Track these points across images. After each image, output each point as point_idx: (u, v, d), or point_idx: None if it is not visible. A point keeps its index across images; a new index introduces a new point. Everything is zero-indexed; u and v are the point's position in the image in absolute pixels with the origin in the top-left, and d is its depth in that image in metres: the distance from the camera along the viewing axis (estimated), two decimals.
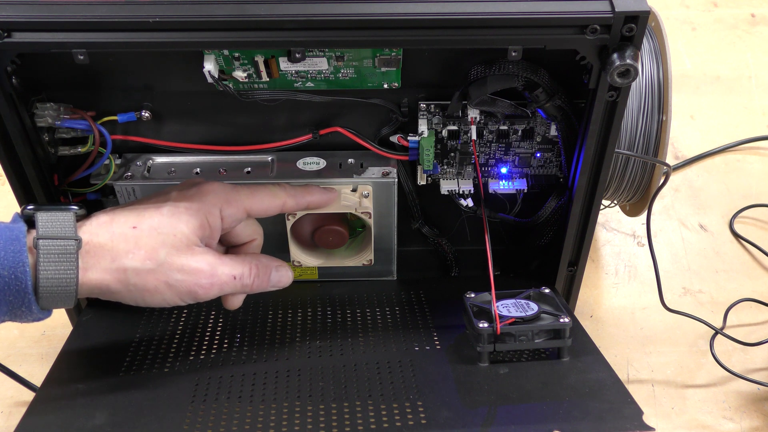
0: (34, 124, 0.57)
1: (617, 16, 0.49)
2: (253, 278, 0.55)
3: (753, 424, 0.67)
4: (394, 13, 0.50)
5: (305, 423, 0.50)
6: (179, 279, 0.51)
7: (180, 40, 0.50)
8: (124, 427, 0.50)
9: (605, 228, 0.86)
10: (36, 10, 0.50)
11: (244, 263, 0.55)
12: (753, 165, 0.94)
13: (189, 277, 0.51)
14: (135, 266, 0.49)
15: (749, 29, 1.15)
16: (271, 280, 0.57)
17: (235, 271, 0.53)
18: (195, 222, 0.52)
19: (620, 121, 0.55)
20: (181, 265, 0.51)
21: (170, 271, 0.50)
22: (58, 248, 0.47)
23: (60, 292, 0.48)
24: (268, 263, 0.57)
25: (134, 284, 0.50)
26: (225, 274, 0.53)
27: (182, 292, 0.51)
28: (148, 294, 0.51)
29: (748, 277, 0.81)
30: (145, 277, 0.50)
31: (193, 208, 0.52)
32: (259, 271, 0.55)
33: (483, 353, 0.55)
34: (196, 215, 0.52)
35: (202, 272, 0.51)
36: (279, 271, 0.57)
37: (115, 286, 0.50)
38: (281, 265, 0.58)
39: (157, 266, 0.50)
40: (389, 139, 0.63)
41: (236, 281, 0.54)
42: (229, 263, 0.53)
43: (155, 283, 0.50)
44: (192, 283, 0.51)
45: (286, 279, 0.58)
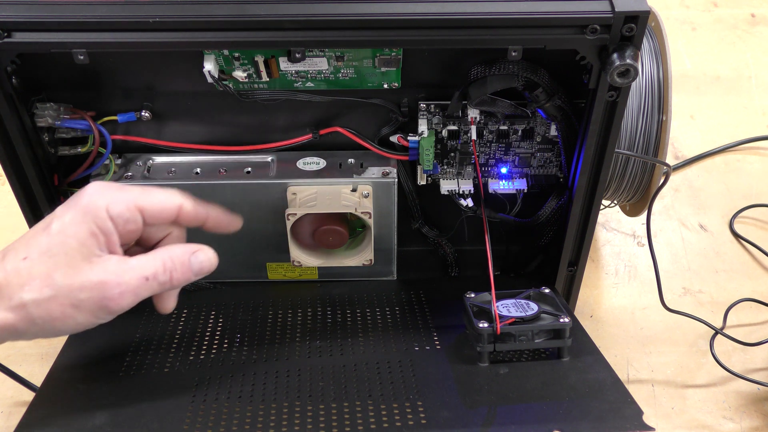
0: (34, 124, 0.57)
1: (617, 16, 0.49)
2: (169, 273, 0.49)
3: (753, 424, 0.67)
4: (394, 13, 0.50)
5: (305, 423, 0.50)
6: (84, 298, 0.46)
7: (180, 40, 0.50)
8: (124, 427, 0.50)
9: (605, 228, 0.86)
10: (36, 10, 0.50)
11: (155, 260, 0.49)
12: (753, 165, 0.94)
13: (94, 293, 0.46)
14: (34, 298, 0.45)
15: (749, 29, 1.15)
16: (192, 268, 0.51)
17: (145, 271, 0.48)
18: (83, 232, 0.47)
19: (620, 121, 0.55)
20: (82, 283, 0.46)
21: (71, 292, 0.46)
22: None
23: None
24: (182, 252, 0.51)
25: (39, 317, 0.46)
26: (134, 278, 0.48)
27: (93, 310, 0.47)
28: (58, 322, 0.47)
29: (748, 277, 0.81)
30: (48, 306, 0.46)
31: (77, 217, 0.47)
32: (175, 264, 0.50)
33: (483, 353, 0.55)
34: (82, 223, 0.47)
35: (106, 283, 0.47)
36: (198, 256, 0.51)
37: (21, 324, 0.46)
38: (198, 249, 0.51)
39: (57, 292, 0.46)
40: (389, 139, 0.63)
41: (150, 282, 0.49)
42: (137, 265, 0.48)
43: (60, 309, 0.46)
44: (99, 298, 0.47)
45: (209, 263, 0.52)
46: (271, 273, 0.69)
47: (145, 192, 0.51)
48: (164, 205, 0.51)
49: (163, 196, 0.51)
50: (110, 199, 0.48)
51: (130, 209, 0.49)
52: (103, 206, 0.48)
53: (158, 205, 0.51)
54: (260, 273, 0.69)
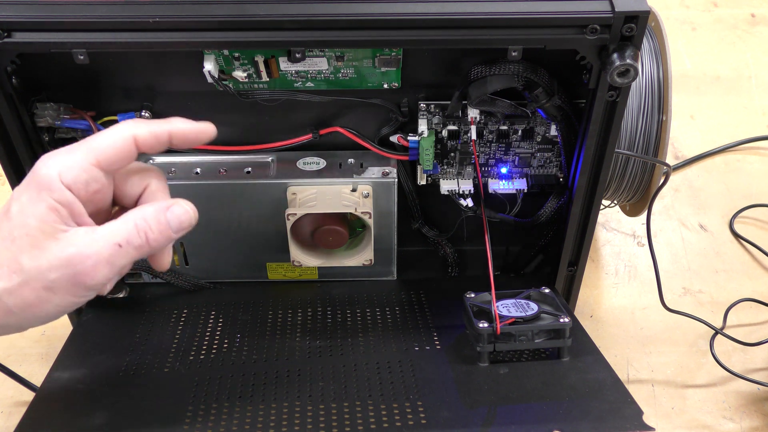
0: (34, 124, 0.57)
1: (617, 16, 0.49)
2: (144, 234, 0.45)
3: (753, 424, 0.67)
4: (394, 13, 0.50)
5: (305, 423, 0.50)
6: (55, 278, 0.43)
7: (180, 40, 0.50)
8: (124, 427, 0.50)
9: (605, 228, 0.86)
10: (36, 10, 0.50)
11: (126, 223, 0.45)
12: (753, 165, 0.94)
13: (65, 270, 0.43)
14: (4, 287, 0.43)
15: (749, 29, 1.15)
16: (170, 225, 0.47)
17: (116, 237, 0.44)
18: (41, 209, 0.43)
19: (620, 121, 0.55)
20: (50, 262, 0.43)
21: (41, 274, 0.43)
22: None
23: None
24: (155, 210, 0.46)
25: (14, 305, 0.44)
26: (105, 246, 0.44)
27: (69, 288, 0.44)
28: (36, 308, 0.44)
29: (748, 277, 0.81)
30: (20, 293, 0.43)
31: (33, 195, 0.44)
32: (149, 223, 0.46)
33: (483, 353, 0.55)
34: (38, 201, 0.44)
35: (75, 257, 0.43)
36: (173, 210, 0.47)
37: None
38: (173, 203, 0.47)
39: (26, 276, 0.43)
40: (389, 139, 0.63)
41: (124, 248, 0.45)
42: (106, 232, 0.44)
43: (34, 294, 0.43)
44: (71, 274, 0.43)
45: (186, 216, 0.47)
46: (271, 273, 0.69)
47: (92, 141, 0.46)
48: (117, 144, 0.46)
49: (112, 133, 0.46)
50: (60, 166, 0.44)
51: (85, 169, 0.45)
52: (55, 176, 0.44)
53: (111, 146, 0.46)
54: (260, 273, 0.69)
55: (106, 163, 0.46)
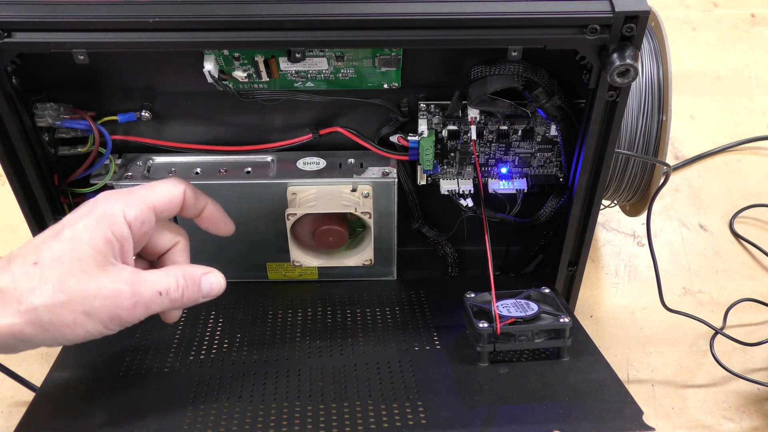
0: (34, 124, 0.57)
1: (617, 15, 0.49)
2: (181, 291, 0.49)
3: (753, 424, 0.67)
4: (394, 13, 0.50)
5: (305, 423, 0.50)
6: (97, 306, 0.45)
7: (180, 40, 0.50)
8: (124, 427, 0.50)
9: (605, 228, 0.86)
10: (36, 10, 0.50)
11: (169, 275, 0.49)
12: (753, 165, 0.94)
13: (108, 302, 0.46)
14: (45, 302, 0.44)
15: (749, 29, 1.15)
16: (202, 289, 0.51)
17: (159, 286, 0.48)
18: (98, 238, 0.46)
19: (620, 121, 0.55)
20: (97, 290, 0.45)
21: (85, 299, 0.45)
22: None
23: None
24: (194, 272, 0.51)
25: (49, 322, 0.45)
26: (148, 291, 0.47)
27: (104, 320, 0.46)
28: (68, 329, 0.46)
29: (748, 277, 0.81)
30: (59, 311, 0.45)
31: (91, 224, 0.47)
32: (187, 282, 0.50)
33: (483, 353, 0.55)
34: (96, 230, 0.47)
35: (121, 294, 0.46)
36: (209, 278, 0.51)
37: (29, 329, 0.45)
38: (209, 271, 0.52)
39: (70, 297, 0.45)
40: (389, 139, 0.63)
41: (163, 297, 0.48)
42: (152, 278, 0.48)
43: (72, 316, 0.45)
44: (112, 307, 0.46)
45: (218, 286, 0.52)
46: (271, 273, 0.69)
47: (151, 188, 0.51)
48: (171, 195, 0.52)
49: (168, 186, 0.52)
50: (124, 203, 0.49)
51: (143, 210, 0.49)
52: (119, 212, 0.48)
53: (167, 196, 0.51)
54: (260, 273, 0.69)
55: (160, 209, 0.51)
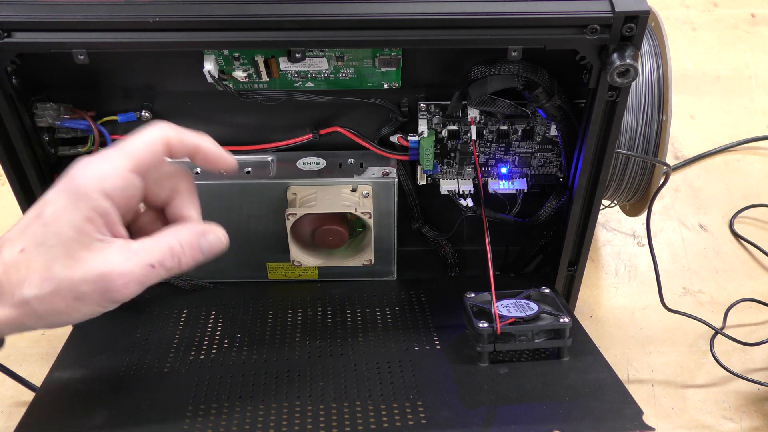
0: (34, 124, 0.57)
1: (617, 15, 0.49)
2: (177, 259, 0.46)
3: (753, 424, 0.67)
4: (394, 13, 0.50)
5: (305, 423, 0.50)
6: (87, 290, 0.44)
7: (180, 40, 0.50)
8: (124, 427, 0.50)
9: (605, 228, 0.86)
10: (36, 10, 0.50)
11: (161, 245, 0.46)
12: (753, 165, 0.94)
13: (97, 285, 0.44)
14: (35, 294, 0.43)
15: (749, 29, 1.15)
16: (202, 250, 0.48)
17: (151, 258, 0.45)
18: (78, 217, 0.43)
19: (620, 121, 0.55)
20: (83, 276, 0.43)
21: (73, 285, 0.43)
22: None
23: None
24: (190, 234, 0.47)
25: (43, 311, 0.44)
26: (138, 265, 0.44)
27: (97, 301, 0.44)
28: (64, 315, 0.45)
29: (748, 277, 0.81)
30: (50, 300, 0.43)
31: (70, 203, 0.44)
32: (183, 248, 0.46)
33: (483, 353, 0.55)
34: (75, 209, 0.43)
35: (110, 274, 0.44)
36: (208, 238, 0.48)
37: (26, 319, 0.44)
38: (207, 231, 0.48)
39: (58, 285, 0.43)
40: (389, 139, 0.63)
41: (157, 269, 0.45)
42: (141, 250, 0.45)
43: (64, 303, 0.44)
44: (103, 290, 0.44)
45: (218, 243, 0.48)
46: (271, 273, 0.69)
47: (127, 146, 0.46)
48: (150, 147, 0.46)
49: (145, 137, 0.46)
50: (100, 174, 0.44)
51: (123, 176, 0.45)
52: (94, 186, 0.44)
53: (145, 150, 0.46)
54: (260, 273, 0.69)
55: (142, 168, 0.46)
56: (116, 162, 0.45)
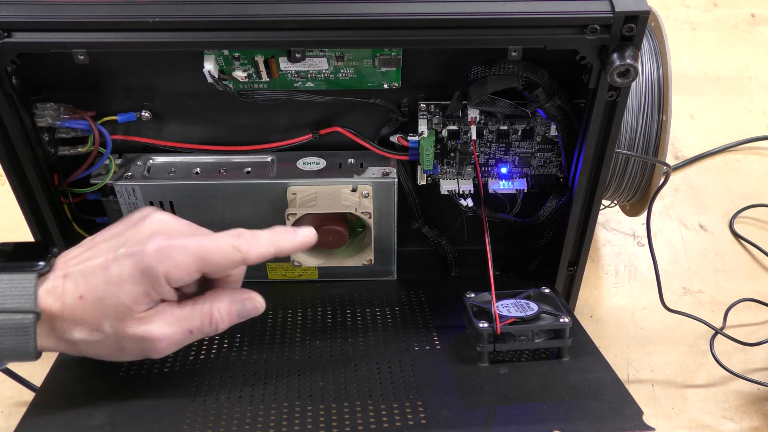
0: (34, 124, 0.57)
1: (617, 16, 0.49)
2: (215, 325, 0.51)
3: (753, 424, 0.67)
4: (394, 13, 0.50)
5: (305, 423, 0.50)
6: (130, 347, 0.49)
7: (180, 40, 0.50)
8: (124, 427, 0.50)
9: (605, 228, 0.86)
10: (36, 10, 0.50)
11: (203, 312, 0.50)
12: (753, 165, 0.94)
13: (140, 344, 0.49)
14: (83, 338, 0.49)
15: (749, 29, 1.15)
16: (239, 316, 0.52)
17: (191, 325, 0.50)
18: (138, 291, 0.48)
19: (620, 121, 0.55)
20: (130, 335, 0.49)
21: (119, 340, 0.49)
22: (16, 323, 0.47)
23: (18, 356, 0.48)
24: (229, 303, 0.51)
25: (87, 352, 0.50)
26: (180, 332, 0.50)
27: (136, 355, 0.50)
28: (104, 357, 0.50)
29: (748, 277, 0.81)
30: (95, 347, 0.49)
31: (135, 275, 0.48)
32: (222, 315, 0.51)
33: (483, 353, 0.55)
34: (139, 283, 0.48)
35: (152, 339, 0.49)
36: (245, 305, 0.52)
37: (71, 351, 0.50)
38: (246, 298, 0.52)
39: (105, 337, 0.49)
40: (389, 139, 0.63)
41: (194, 334, 0.51)
42: (183, 319, 0.50)
43: (107, 351, 0.50)
44: (144, 349, 0.49)
45: (254, 311, 0.52)
46: (271, 273, 0.69)
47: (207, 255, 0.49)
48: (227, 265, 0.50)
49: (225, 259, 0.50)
50: (171, 267, 0.48)
51: (190, 274, 0.49)
52: (162, 273, 0.48)
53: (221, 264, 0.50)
54: (260, 273, 0.69)
55: (208, 272, 0.50)
56: (190, 260, 0.48)
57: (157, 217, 0.52)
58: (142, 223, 0.51)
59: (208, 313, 0.50)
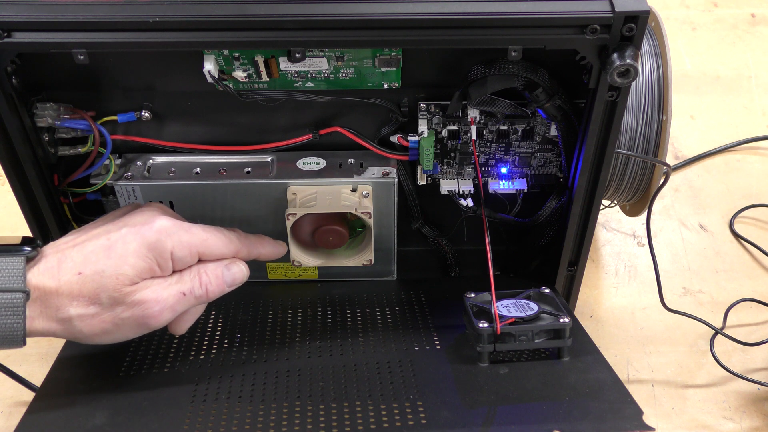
0: (34, 124, 0.57)
1: (617, 16, 0.49)
2: (204, 287, 0.53)
3: (753, 424, 0.67)
4: (394, 13, 0.50)
5: (305, 423, 0.50)
6: (126, 316, 0.50)
7: (180, 40, 0.50)
8: (124, 427, 0.50)
9: (605, 228, 0.86)
10: (36, 10, 0.50)
11: (191, 275, 0.53)
12: (753, 165, 0.94)
13: (135, 311, 0.50)
14: (79, 313, 0.49)
15: (749, 29, 1.15)
16: (225, 280, 0.54)
17: (182, 287, 0.52)
18: (142, 265, 0.50)
19: (620, 121, 0.55)
20: (127, 304, 0.49)
21: (115, 312, 0.49)
22: (5, 301, 0.47)
23: (6, 340, 0.48)
24: (215, 266, 0.54)
25: (80, 330, 0.49)
26: (172, 294, 0.51)
27: (133, 327, 0.50)
28: (96, 337, 0.50)
29: (748, 277, 0.81)
30: (90, 321, 0.49)
31: (141, 250, 0.50)
32: (210, 277, 0.53)
33: (483, 353, 0.55)
34: (144, 258, 0.50)
35: (147, 302, 0.50)
36: (230, 268, 0.55)
37: (63, 333, 0.50)
38: (230, 262, 0.55)
39: (101, 310, 0.49)
40: (389, 139, 0.63)
41: (187, 296, 0.52)
42: (174, 282, 0.52)
43: (102, 326, 0.50)
44: (140, 316, 0.50)
45: (241, 274, 0.55)
46: (271, 273, 0.69)
47: (207, 239, 0.53)
48: (222, 254, 0.54)
49: (222, 246, 0.54)
50: (177, 242, 0.51)
51: (192, 254, 0.52)
52: (169, 248, 0.51)
53: (216, 254, 0.54)
54: (260, 273, 0.69)
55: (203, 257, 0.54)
56: (193, 240, 0.52)
57: (154, 205, 0.55)
58: (141, 209, 0.54)
59: (196, 275, 0.52)
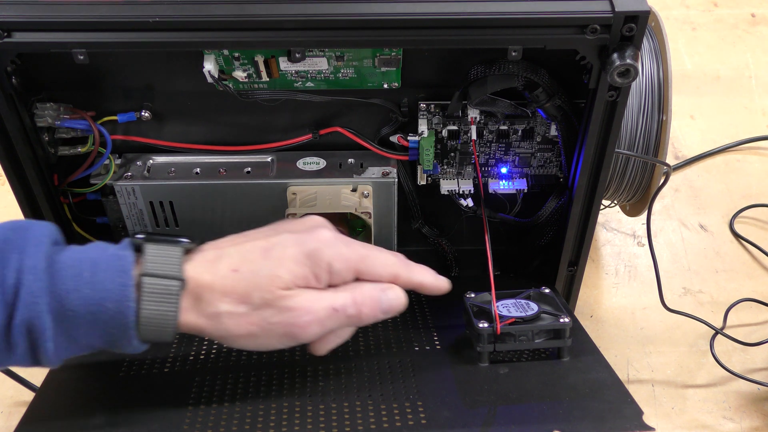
0: (34, 124, 0.57)
1: (617, 16, 0.49)
2: (358, 308, 0.50)
3: (753, 424, 0.67)
4: (394, 13, 0.50)
5: (305, 423, 0.50)
6: (275, 321, 0.48)
7: (180, 40, 0.50)
8: (124, 427, 0.50)
9: (605, 228, 0.86)
10: (36, 10, 0.50)
11: (345, 293, 0.50)
12: (753, 165, 0.94)
13: (284, 317, 0.48)
14: (229, 310, 0.47)
15: (749, 29, 1.15)
16: (381, 305, 0.50)
17: (335, 302, 0.49)
18: (299, 271, 0.48)
19: (620, 121, 0.55)
20: (277, 308, 0.48)
21: (264, 313, 0.48)
22: (162, 288, 0.46)
23: (159, 330, 0.47)
24: (372, 288, 0.51)
25: (227, 329, 0.48)
26: (323, 308, 0.48)
27: (279, 334, 0.48)
28: (242, 339, 0.49)
29: (748, 277, 0.81)
30: (238, 320, 0.48)
31: (299, 258, 0.49)
32: (365, 299, 0.50)
33: (483, 353, 0.55)
34: (301, 265, 0.48)
35: (298, 310, 0.48)
36: (388, 294, 0.51)
37: (210, 330, 0.48)
38: (388, 287, 0.51)
39: (251, 310, 0.48)
40: (389, 139, 0.63)
41: (338, 313, 0.49)
42: (328, 296, 0.49)
43: (249, 328, 0.48)
44: (288, 324, 0.48)
45: (398, 302, 0.51)
46: None
47: (367, 257, 0.51)
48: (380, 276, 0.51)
49: (381, 268, 0.51)
50: (336, 254, 0.49)
51: (349, 269, 0.50)
52: (327, 259, 0.49)
53: (374, 273, 0.51)
54: None
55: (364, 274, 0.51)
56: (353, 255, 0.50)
57: (317, 217, 0.53)
58: (302, 219, 0.53)
59: (351, 293, 0.50)
